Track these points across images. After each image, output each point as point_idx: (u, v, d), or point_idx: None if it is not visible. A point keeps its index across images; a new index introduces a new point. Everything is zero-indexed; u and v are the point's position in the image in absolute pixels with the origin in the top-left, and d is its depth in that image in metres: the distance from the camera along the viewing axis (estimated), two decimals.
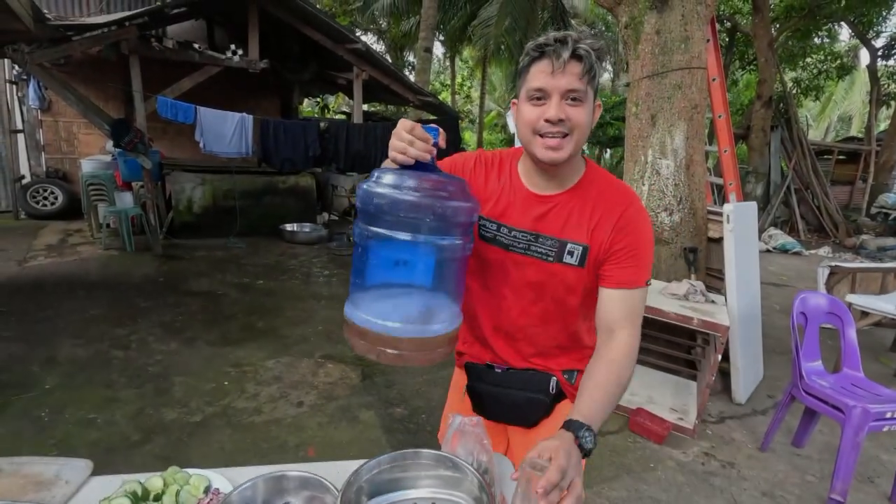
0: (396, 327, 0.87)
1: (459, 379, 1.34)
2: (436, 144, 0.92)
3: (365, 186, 0.89)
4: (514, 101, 1.04)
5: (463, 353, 1.29)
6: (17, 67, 6.78)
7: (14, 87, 7.20)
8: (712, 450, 2.58)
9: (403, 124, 0.91)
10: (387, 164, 0.96)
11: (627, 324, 1.02)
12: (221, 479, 1.02)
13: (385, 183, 0.86)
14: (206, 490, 0.99)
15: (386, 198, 0.84)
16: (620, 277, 1.03)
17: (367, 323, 0.88)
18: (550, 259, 1.06)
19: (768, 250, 8.52)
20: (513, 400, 1.19)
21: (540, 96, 0.95)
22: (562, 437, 0.85)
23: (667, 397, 3.00)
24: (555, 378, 1.17)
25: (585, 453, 0.85)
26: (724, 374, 3.18)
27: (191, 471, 1.04)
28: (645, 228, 1.04)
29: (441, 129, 0.95)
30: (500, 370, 1.20)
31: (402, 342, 0.88)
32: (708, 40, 3.45)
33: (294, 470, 0.98)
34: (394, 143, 0.91)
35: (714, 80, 3.79)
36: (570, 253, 1.04)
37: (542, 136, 0.96)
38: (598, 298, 1.06)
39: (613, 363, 0.98)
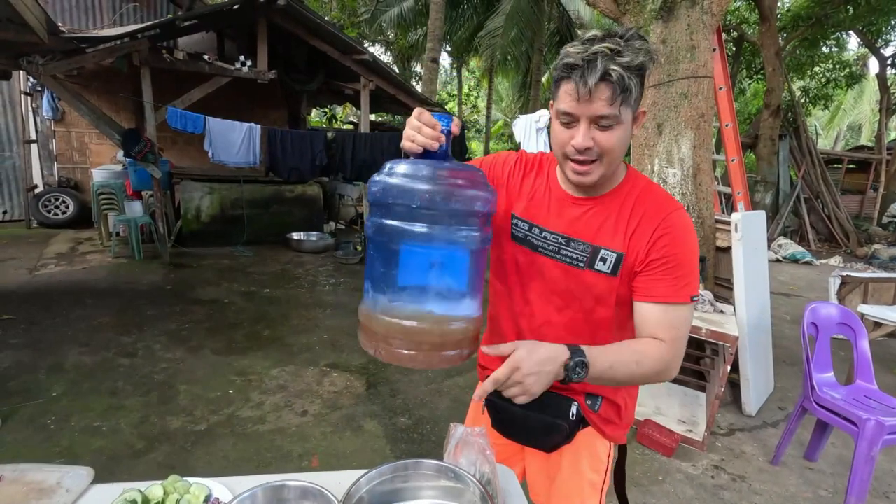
0: (409, 324, 0.83)
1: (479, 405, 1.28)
2: (447, 132, 0.87)
3: (373, 177, 0.88)
4: (552, 102, 0.96)
5: (486, 368, 1.23)
6: (31, 79, 6.91)
7: (28, 98, 7.33)
8: (722, 463, 2.53)
9: (415, 112, 0.89)
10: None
11: (667, 336, 0.93)
12: (222, 488, 1.01)
13: (385, 171, 0.85)
14: (206, 499, 0.98)
15: (379, 184, 0.83)
16: (655, 291, 0.94)
17: (377, 319, 0.85)
18: (581, 265, 1.00)
19: (778, 260, 8.43)
20: (531, 423, 1.12)
21: (568, 121, 0.89)
22: (556, 348, 0.86)
23: (675, 409, 2.96)
24: (576, 403, 1.09)
25: (567, 380, 0.85)
26: (734, 385, 3.13)
27: (191, 480, 1.03)
28: (687, 238, 0.96)
29: (455, 117, 0.92)
30: None
31: (417, 338, 0.84)
32: (714, 49, 3.45)
33: (294, 479, 0.97)
34: (405, 131, 0.88)
35: (721, 88, 3.79)
36: (603, 260, 0.98)
37: (571, 160, 0.92)
38: (633, 313, 0.99)
39: (636, 344, 0.94)
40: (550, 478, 1.17)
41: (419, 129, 0.85)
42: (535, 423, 1.12)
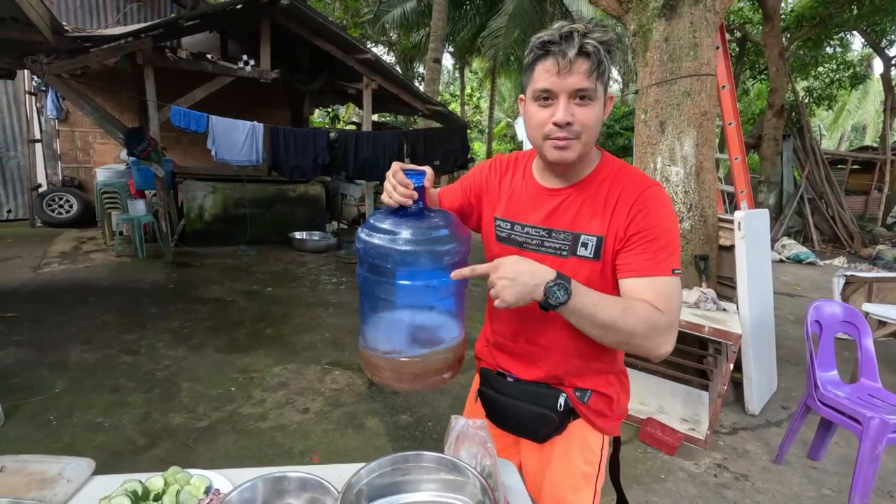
0: (393, 358, 0.97)
1: (476, 384, 1.30)
2: (420, 188, 0.96)
3: (357, 232, 1.01)
4: (522, 97, 1.02)
5: (481, 359, 1.27)
6: (36, 79, 6.95)
7: (33, 97, 7.37)
8: (725, 461, 2.52)
9: (392, 167, 0.97)
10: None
11: (655, 302, 0.92)
12: (222, 479, 1.01)
13: (366, 228, 0.97)
14: (207, 490, 0.98)
15: (361, 241, 0.96)
16: (636, 265, 0.94)
17: (372, 352, 1.00)
18: (564, 254, 1.01)
19: (781, 260, 8.39)
20: (521, 413, 1.15)
21: (547, 97, 0.92)
22: (542, 267, 0.88)
23: (677, 407, 2.95)
24: (565, 395, 1.10)
25: (544, 300, 0.86)
26: (737, 384, 3.11)
27: (192, 471, 1.03)
28: (663, 211, 0.96)
29: (429, 171, 0.98)
30: (511, 379, 1.16)
31: (403, 370, 0.98)
32: (717, 48, 3.44)
33: (294, 471, 0.97)
34: (385, 184, 0.98)
35: (724, 87, 3.77)
36: (585, 245, 0.99)
37: (550, 138, 0.94)
38: (621, 292, 0.98)
39: (631, 300, 0.93)
40: (542, 468, 1.18)
41: (395, 188, 0.94)
42: (525, 414, 1.14)
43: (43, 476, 1.01)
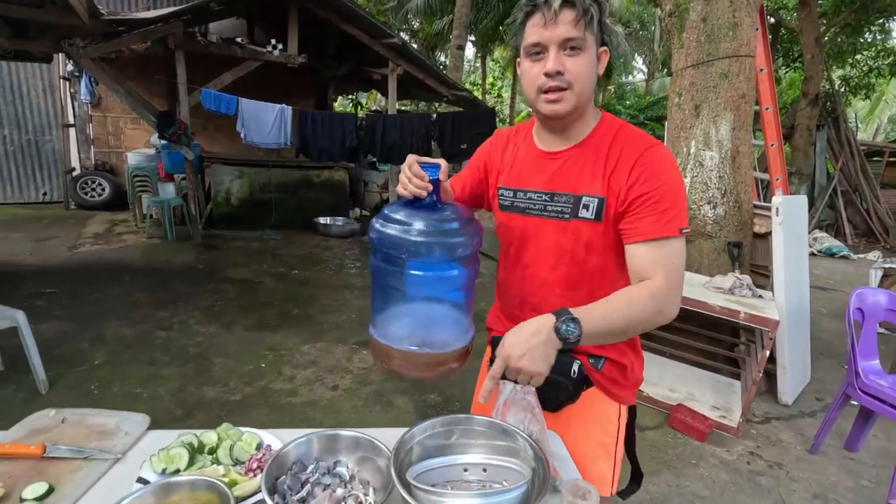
0: (403, 348, 0.97)
1: (489, 354, 1.32)
2: (435, 181, 0.95)
3: (372, 222, 1.00)
4: (518, 60, 1.01)
5: (492, 329, 1.27)
6: (70, 64, 7.10)
7: (67, 83, 7.54)
8: (758, 449, 2.47)
9: (408, 159, 0.96)
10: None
11: (658, 271, 0.91)
12: (272, 437, 1.03)
13: (380, 219, 0.97)
14: (258, 447, 1.00)
15: (375, 231, 0.96)
16: (642, 228, 0.93)
17: (382, 340, 0.99)
18: (566, 216, 1.01)
19: (813, 253, 8.16)
20: None
21: (538, 51, 0.93)
22: (539, 320, 0.87)
23: (707, 395, 2.91)
24: (578, 362, 1.09)
25: (564, 342, 0.85)
26: (769, 374, 3.05)
27: (243, 429, 1.05)
28: (667, 170, 0.94)
29: (443, 164, 0.98)
30: None
31: (411, 360, 0.98)
32: (757, 29, 3.33)
33: (346, 431, 0.98)
34: (400, 176, 0.97)
35: (762, 70, 3.65)
36: (586, 206, 0.98)
37: (543, 91, 0.94)
38: (626, 259, 0.97)
39: (627, 290, 0.92)
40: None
41: (410, 180, 0.94)
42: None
43: (102, 428, 1.05)
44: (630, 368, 1.13)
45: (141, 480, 0.87)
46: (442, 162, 0.98)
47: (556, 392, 1.12)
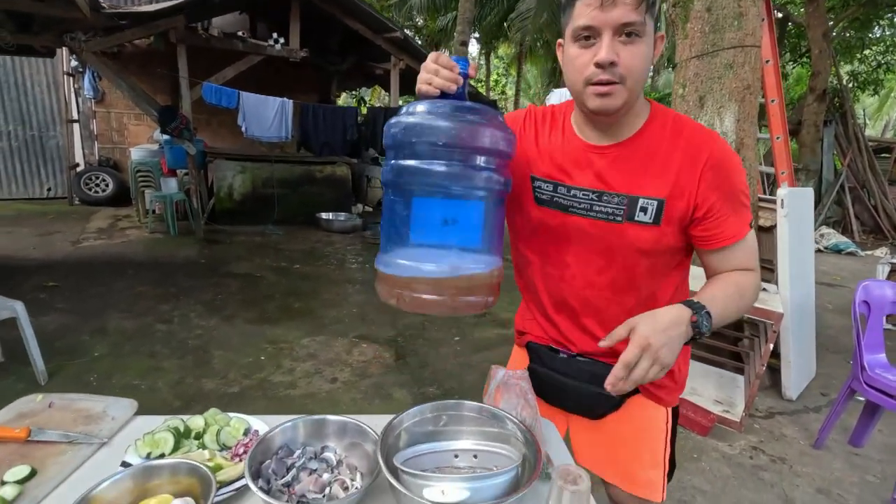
0: (430, 268, 0.79)
1: (518, 359, 1.23)
2: (465, 74, 0.83)
3: (390, 120, 0.85)
4: (560, 41, 0.90)
5: (525, 333, 1.18)
6: (74, 60, 7.12)
7: (71, 79, 7.57)
8: (761, 444, 2.44)
9: (431, 55, 0.84)
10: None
11: (752, 262, 0.94)
12: (260, 423, 1.02)
13: (404, 112, 0.81)
14: (246, 432, 0.99)
15: (400, 125, 0.80)
16: (726, 233, 0.89)
17: (397, 266, 0.81)
18: (619, 219, 0.91)
19: (819, 250, 8.08)
20: (578, 392, 1.07)
21: (588, 35, 0.81)
22: (674, 310, 0.80)
23: (710, 389, 2.87)
24: None
25: (699, 335, 0.81)
26: (773, 370, 3.01)
27: (231, 414, 1.04)
28: (736, 166, 0.90)
29: (473, 61, 0.88)
30: (564, 355, 1.09)
31: (439, 284, 0.79)
32: (763, 19, 3.27)
33: (334, 416, 0.97)
34: (420, 75, 0.83)
35: (767, 62, 3.60)
36: (644, 210, 0.90)
37: (592, 83, 0.83)
38: (705, 265, 0.95)
39: (735, 280, 0.91)
40: (600, 445, 1.12)
41: (436, 72, 0.81)
42: (583, 392, 1.06)
43: (89, 413, 1.03)
44: (678, 369, 1.08)
45: (125, 464, 0.85)
46: (470, 58, 0.92)
47: (601, 404, 1.07)
